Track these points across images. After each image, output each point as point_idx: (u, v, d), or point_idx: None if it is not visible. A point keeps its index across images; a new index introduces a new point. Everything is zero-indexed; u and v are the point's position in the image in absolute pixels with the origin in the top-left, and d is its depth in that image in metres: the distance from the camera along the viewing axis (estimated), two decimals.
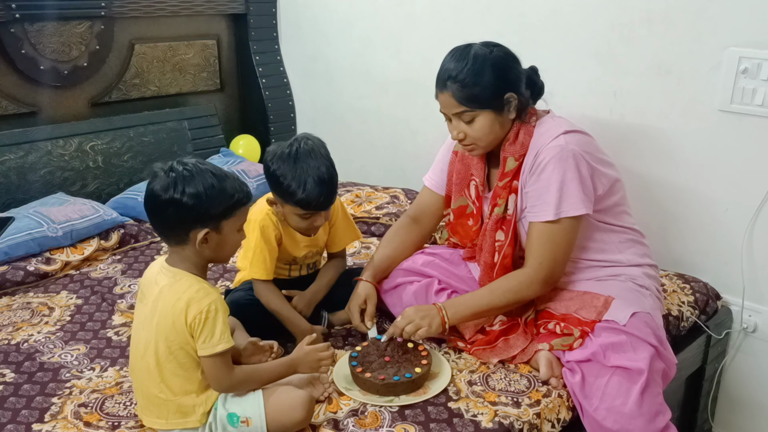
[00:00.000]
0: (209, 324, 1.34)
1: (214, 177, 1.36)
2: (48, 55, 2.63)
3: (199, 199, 1.34)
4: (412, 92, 2.83)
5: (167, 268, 1.41)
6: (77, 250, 2.30)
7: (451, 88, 1.65)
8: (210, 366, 1.36)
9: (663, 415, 1.49)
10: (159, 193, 1.34)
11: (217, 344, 1.34)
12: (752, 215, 1.98)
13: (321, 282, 1.85)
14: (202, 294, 1.35)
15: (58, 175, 2.61)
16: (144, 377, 1.40)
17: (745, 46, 1.90)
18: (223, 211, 1.37)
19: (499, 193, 1.73)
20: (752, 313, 2.06)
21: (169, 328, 1.35)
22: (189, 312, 1.33)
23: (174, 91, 3.06)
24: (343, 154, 3.09)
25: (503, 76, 1.66)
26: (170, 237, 1.40)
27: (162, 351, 1.36)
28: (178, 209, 1.34)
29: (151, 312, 1.38)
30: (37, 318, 1.93)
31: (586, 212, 1.63)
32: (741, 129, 1.96)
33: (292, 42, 3.30)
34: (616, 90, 2.17)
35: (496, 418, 1.46)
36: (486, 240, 1.76)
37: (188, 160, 1.38)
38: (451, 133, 1.72)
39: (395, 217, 2.52)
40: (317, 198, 1.66)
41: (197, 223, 1.36)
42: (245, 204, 1.42)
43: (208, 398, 1.40)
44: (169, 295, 1.36)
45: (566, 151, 1.62)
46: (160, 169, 1.37)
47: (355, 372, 1.56)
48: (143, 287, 1.44)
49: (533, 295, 1.70)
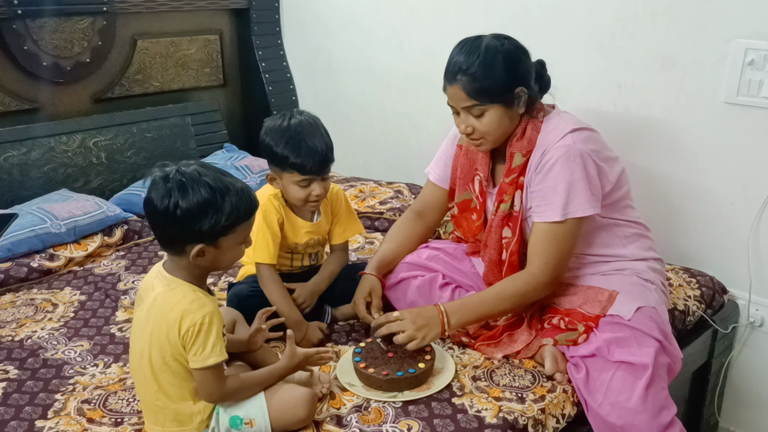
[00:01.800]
0: (202, 337, 1.29)
1: (212, 191, 1.27)
2: (50, 51, 2.63)
3: (192, 214, 1.26)
4: (415, 87, 2.82)
5: (164, 275, 1.35)
6: (80, 246, 2.30)
7: (461, 81, 1.62)
8: (201, 378, 1.33)
9: (668, 410, 1.48)
10: (155, 202, 1.28)
11: (209, 357, 1.30)
12: (759, 208, 1.96)
13: (323, 274, 1.85)
14: (196, 306, 1.30)
15: (61, 171, 2.61)
16: (141, 383, 1.38)
17: (751, 38, 1.88)
18: (221, 229, 1.29)
19: (505, 189, 1.71)
20: (759, 307, 2.04)
21: (162, 338, 1.31)
22: (182, 324, 1.29)
23: (177, 86, 3.06)
24: (346, 149, 3.09)
25: (514, 69, 1.63)
26: (168, 248, 1.35)
27: (156, 360, 1.33)
28: (171, 222, 1.28)
29: (146, 319, 1.33)
30: (41, 314, 1.93)
31: (593, 213, 1.62)
32: (747, 121, 1.94)
33: (294, 37, 3.29)
34: (621, 83, 2.16)
35: (501, 414, 1.45)
36: (491, 237, 1.75)
37: (188, 168, 1.29)
38: (459, 127, 1.70)
39: (399, 212, 2.51)
40: (312, 157, 1.67)
41: (191, 239, 1.29)
42: (247, 218, 1.34)
43: (206, 406, 1.37)
44: (163, 305, 1.31)
45: (574, 150, 1.60)
46: (159, 175, 1.29)
47: (358, 367, 1.56)
48: (141, 292, 1.40)
49: (540, 297, 1.69)
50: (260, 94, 3.25)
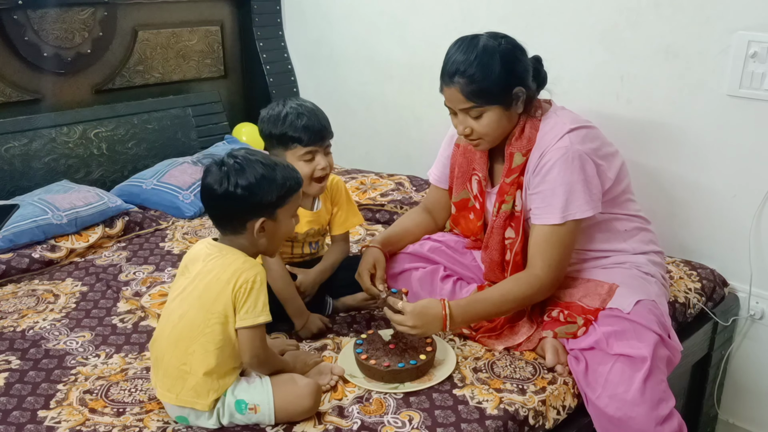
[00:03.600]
0: (254, 294, 1.37)
1: (265, 167, 1.40)
2: (51, 41, 2.62)
3: (252, 190, 1.38)
4: (416, 78, 2.81)
5: (214, 244, 1.45)
6: (82, 237, 2.30)
7: (458, 82, 1.60)
8: (250, 337, 1.38)
9: (666, 403, 1.48)
10: (214, 186, 1.39)
11: (259, 315, 1.37)
12: (760, 201, 1.96)
13: (326, 263, 1.86)
14: (249, 265, 1.39)
15: (62, 162, 2.61)
16: (170, 348, 1.40)
17: (754, 30, 1.87)
18: (277, 199, 1.41)
19: (506, 189, 1.69)
20: (759, 300, 2.04)
21: (212, 299, 1.37)
22: (237, 281, 1.36)
23: (178, 77, 3.05)
24: (348, 140, 3.10)
25: (512, 69, 1.61)
26: (227, 227, 1.45)
27: (198, 323, 1.37)
28: (233, 201, 1.38)
29: (193, 283, 1.40)
30: (43, 305, 1.94)
31: (593, 213, 1.61)
32: (749, 114, 1.93)
33: (296, 27, 3.28)
34: (623, 74, 2.15)
35: (502, 405, 1.45)
36: (493, 238, 1.74)
37: (238, 152, 1.42)
38: (457, 128, 1.69)
39: (400, 205, 2.51)
40: (310, 128, 1.71)
41: (253, 214, 1.40)
42: (297, 190, 1.46)
43: (222, 386, 1.39)
44: (216, 267, 1.39)
45: (572, 152, 1.59)
46: (213, 163, 1.41)
47: (360, 359, 1.56)
48: (187, 262, 1.47)
49: (544, 298, 1.68)
50: (261, 85, 3.24)
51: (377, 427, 1.39)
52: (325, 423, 1.41)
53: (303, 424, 1.40)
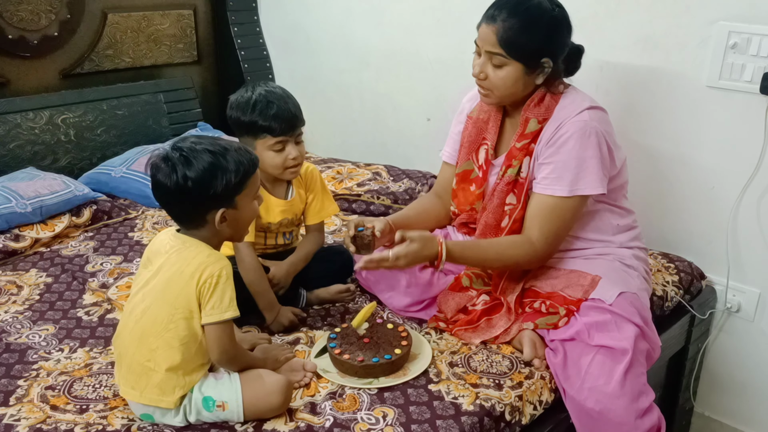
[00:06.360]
0: (220, 289, 1.31)
1: (213, 155, 1.32)
2: (16, 23, 2.53)
3: (204, 182, 1.31)
4: (394, 66, 2.76)
5: (177, 236, 1.38)
6: (47, 226, 2.23)
7: (497, 24, 1.58)
8: (218, 334, 1.33)
9: (646, 396, 1.47)
10: (164, 182, 1.31)
11: (226, 311, 1.32)
12: (738, 194, 1.95)
13: (299, 254, 1.81)
14: (213, 259, 1.33)
15: (27, 149, 2.52)
16: (133, 344, 1.35)
17: (734, 21, 1.85)
18: (234, 186, 1.34)
19: (515, 154, 1.68)
20: (736, 293, 2.04)
21: (176, 294, 1.32)
22: (201, 275, 1.30)
23: (149, 62, 2.97)
24: (324, 129, 3.05)
25: (551, 38, 1.61)
26: (188, 222, 1.38)
27: (162, 318, 1.32)
28: (187, 196, 1.32)
29: (156, 277, 1.35)
30: (5, 297, 1.87)
31: (602, 192, 1.61)
32: (729, 105, 1.92)
33: (271, 13, 3.21)
34: (602, 65, 2.12)
35: (478, 401, 1.43)
36: (493, 201, 1.72)
37: (182, 143, 1.34)
38: (474, 68, 1.67)
39: (377, 194, 2.47)
40: (280, 117, 1.67)
41: (210, 206, 1.34)
42: (253, 172, 1.38)
43: (189, 382, 1.35)
44: (179, 261, 1.33)
45: (590, 127, 1.59)
46: (157, 157, 1.33)
47: (333, 353, 1.52)
48: (149, 254, 1.41)
49: (531, 268, 1.69)
50: (235, 72, 3.16)
51: (350, 424, 1.35)
52: (297, 420, 1.37)
53: (273, 421, 1.37)
